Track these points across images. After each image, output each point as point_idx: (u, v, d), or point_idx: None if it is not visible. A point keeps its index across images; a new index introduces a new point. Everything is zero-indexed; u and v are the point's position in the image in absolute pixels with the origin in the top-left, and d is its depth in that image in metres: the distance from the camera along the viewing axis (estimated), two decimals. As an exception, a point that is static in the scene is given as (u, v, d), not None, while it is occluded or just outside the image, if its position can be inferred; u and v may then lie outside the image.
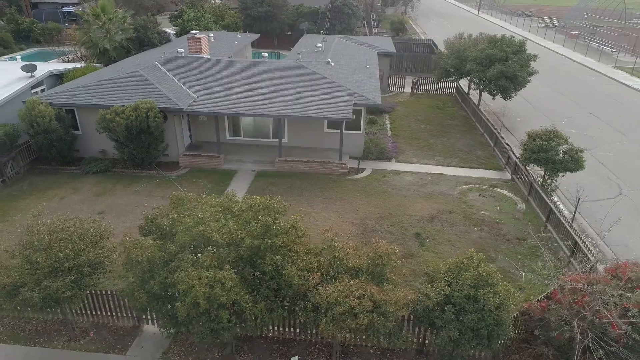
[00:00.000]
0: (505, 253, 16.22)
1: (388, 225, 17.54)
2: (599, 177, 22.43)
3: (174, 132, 21.79)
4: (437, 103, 32.42)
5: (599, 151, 25.23)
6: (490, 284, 9.94)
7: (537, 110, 32.08)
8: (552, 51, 52.75)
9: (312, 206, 18.74)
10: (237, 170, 21.69)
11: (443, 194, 19.98)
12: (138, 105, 19.83)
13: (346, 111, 20.57)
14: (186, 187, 20.13)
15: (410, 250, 16.15)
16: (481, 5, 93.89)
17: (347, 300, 9.25)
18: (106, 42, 31.60)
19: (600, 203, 20.09)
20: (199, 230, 9.29)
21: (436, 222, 17.90)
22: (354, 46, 33.39)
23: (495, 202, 19.51)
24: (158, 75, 23.13)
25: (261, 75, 23.78)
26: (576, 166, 18.36)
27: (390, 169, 22.22)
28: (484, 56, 27.64)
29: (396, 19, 59.61)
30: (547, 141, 18.65)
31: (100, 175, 21.09)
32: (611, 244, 17.25)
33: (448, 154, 24.06)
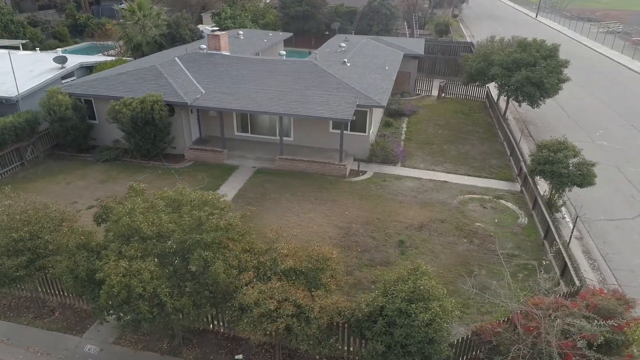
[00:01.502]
0: (490, 269, 15.27)
1: (373, 231, 17.05)
2: (621, 194, 20.63)
3: (181, 125, 22.37)
4: (463, 108, 31.15)
5: (630, 167, 23.21)
6: (425, 299, 9.37)
7: (572, 119, 30.03)
8: (608, 58, 49.20)
9: (301, 206, 18.59)
10: (239, 166, 21.92)
11: (441, 203, 19.15)
12: (145, 98, 20.52)
13: (346, 112, 20.22)
14: (185, 180, 20.54)
15: (389, 258, 15.60)
16: (540, 8, 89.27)
17: (268, 303, 9.04)
18: (140, 38, 32.99)
19: (615, 223, 18.46)
20: (126, 221, 9.44)
21: (425, 230, 17.19)
22: (380, 47, 32.79)
23: (495, 215, 18.44)
24: (174, 70, 23.82)
25: (273, 73, 23.88)
26: (585, 181, 16.98)
27: (392, 173, 21.60)
28: (510, 60, 26.23)
29: (441, 21, 57.92)
30: (554, 152, 17.38)
31: (109, 163, 22.04)
32: (616, 268, 15.81)
33: (459, 161, 23.05)
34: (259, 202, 18.80)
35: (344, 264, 15.13)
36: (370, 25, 46.40)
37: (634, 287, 14.85)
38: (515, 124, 29.51)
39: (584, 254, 16.56)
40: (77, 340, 12.28)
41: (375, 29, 46.25)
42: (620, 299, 10.96)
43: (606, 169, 22.96)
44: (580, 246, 17.03)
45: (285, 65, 24.54)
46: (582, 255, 16.47)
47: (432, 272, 14.72)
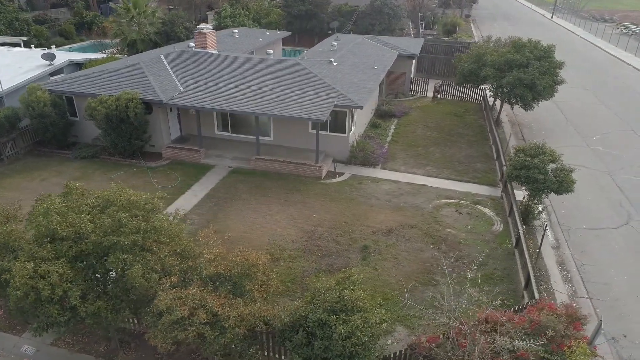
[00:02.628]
0: (454, 277, 14.59)
1: (338, 235, 16.55)
2: (609, 202, 19.67)
3: (159, 123, 22.20)
4: (458, 110, 30.34)
5: (623, 173, 22.17)
6: (348, 310, 8.88)
7: (570, 122, 28.96)
8: (620, 60, 47.55)
9: (269, 207, 18.19)
10: (215, 166, 21.65)
11: (415, 207, 18.53)
12: (120, 96, 20.40)
13: (321, 112, 19.74)
14: (158, 178, 20.44)
15: (349, 263, 15.08)
16: (557, 9, 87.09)
17: (179, 310, 8.67)
18: (134, 35, 33.06)
19: (597, 232, 17.57)
20: (40, 221, 9.18)
21: (392, 235, 16.61)
22: (374, 46, 32.18)
23: (470, 221, 17.75)
24: (157, 68, 23.68)
25: (256, 72, 23.54)
26: (562, 188, 16.17)
27: (370, 176, 21.05)
28: (502, 61, 25.36)
29: (448, 21, 56.82)
30: (531, 157, 16.61)
31: (87, 160, 22.00)
32: (589, 280, 14.99)
33: (442, 165, 22.35)
34: (228, 203, 18.48)
35: (301, 268, 14.79)
36: (373, 25, 45.74)
37: (605, 301, 14.04)
38: (509, 126, 28.60)
39: (557, 264, 15.76)
40: (15, 340, 12.12)
41: (378, 29, 45.58)
42: (570, 315, 10.27)
43: (597, 175, 22.02)
44: (555, 256, 16.24)
45: (269, 65, 24.18)
46: (556, 266, 15.69)
47: (392, 279, 14.31)
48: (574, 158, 23.70)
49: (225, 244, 10.71)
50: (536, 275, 14.92)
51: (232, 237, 16.20)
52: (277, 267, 14.81)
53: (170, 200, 18.58)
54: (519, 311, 11.39)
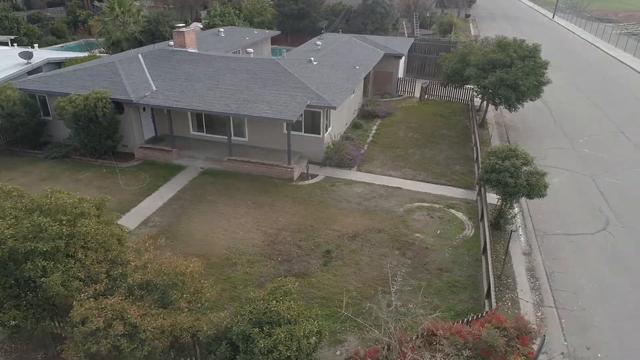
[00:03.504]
0: (415, 285, 14.07)
1: (301, 239, 16.05)
2: (589, 207, 19.03)
3: (130, 123, 21.81)
4: (444, 110, 29.76)
5: (607, 177, 21.50)
6: (274, 322, 8.38)
7: (558, 124, 28.27)
8: (618, 60, 46.71)
9: (235, 210, 17.73)
10: (187, 166, 21.23)
11: (385, 211, 18.00)
12: (89, 95, 20.04)
13: (292, 113, 19.26)
14: (127, 179, 20.04)
15: (308, 269, 14.58)
16: (559, 9, 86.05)
17: (94, 321, 8.21)
18: (119, 34, 32.74)
19: (572, 238, 16.95)
20: (-48, 225, 8.79)
21: (358, 240, 16.09)
22: (360, 46, 31.65)
23: (441, 225, 17.19)
24: (132, 67, 23.29)
25: (233, 71, 23.09)
26: (533, 192, 15.57)
27: (345, 178, 20.53)
28: (486, 61, 24.75)
29: (445, 20, 56.18)
30: (502, 160, 16.02)
31: (58, 160, 21.65)
32: (558, 288, 14.39)
33: (420, 167, 21.80)
34: (193, 205, 18.04)
35: (258, 274, 14.31)
36: (365, 24, 45.22)
37: (572, 311, 13.45)
38: (495, 128, 27.97)
39: (527, 271, 15.17)
40: (-49, 347, 11.73)
41: (370, 28, 45.07)
42: (519, 329, 9.72)
43: (579, 179, 21.37)
44: (526, 262, 15.65)
45: (246, 64, 23.73)
46: (525, 273, 15.09)
47: (351, 286, 13.79)
48: (557, 160, 23.19)
49: (158, 250, 10.23)
50: (503, 283, 14.39)
51: (191, 241, 15.82)
52: (234, 272, 14.36)
53: (135, 202, 18.19)
54: (469, 322, 10.83)
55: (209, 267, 14.54)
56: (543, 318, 13.22)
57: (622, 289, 14.33)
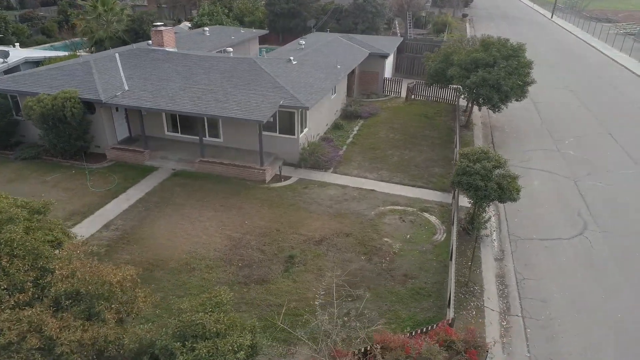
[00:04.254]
0: (378, 292, 13.58)
1: (265, 243, 15.57)
2: (567, 211, 18.47)
3: (102, 123, 21.39)
4: (429, 111, 29.22)
5: (589, 179, 20.92)
6: (199, 336, 7.91)
7: (545, 125, 27.68)
8: (614, 61, 46.02)
9: (201, 213, 17.26)
10: (159, 168, 20.79)
11: (357, 214, 17.50)
12: (57, 95, 19.63)
13: (262, 113, 18.79)
14: (96, 181, 19.61)
15: (269, 275, 14.10)
16: (558, 9, 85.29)
17: (7, 334, 7.75)
18: (102, 33, 32.35)
19: (547, 243, 16.40)
20: None
21: (324, 245, 15.60)
22: (345, 45, 31.16)
23: (412, 229, 16.67)
24: (107, 66, 22.87)
25: (208, 70, 22.64)
26: (504, 195, 15.03)
27: (319, 180, 20.05)
28: (469, 60, 24.20)
29: (439, 20, 55.67)
30: (473, 162, 15.50)
31: (28, 161, 21.24)
32: (527, 296, 13.86)
33: (398, 169, 21.28)
34: (159, 208, 17.59)
35: (215, 280, 13.85)
36: (356, 24, 44.71)
37: (538, 320, 12.91)
38: (481, 129, 27.42)
39: (497, 278, 14.64)
40: None
41: (361, 27, 44.56)
42: (468, 342, 9.21)
43: (561, 181, 20.82)
44: (496, 268, 15.12)
45: (223, 63, 23.27)
46: (494, 279, 14.57)
47: (310, 293, 13.30)
48: (540, 162, 22.66)
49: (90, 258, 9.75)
50: (469, 290, 13.88)
51: (151, 245, 15.38)
52: (191, 278, 13.90)
53: (100, 205, 17.76)
54: (425, 333, 10.33)
55: (167, 272, 14.13)
56: (508, 327, 12.70)
57: (593, 297, 13.78)
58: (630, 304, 13.49)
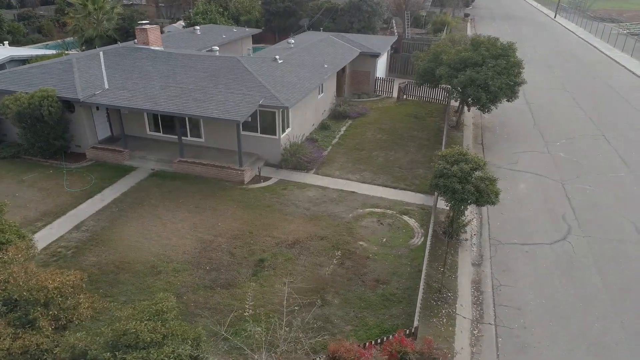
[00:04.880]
0: (347, 298, 13.16)
1: (236, 246, 15.19)
2: (552, 214, 17.95)
3: (82, 122, 21.11)
4: (420, 111, 28.74)
5: (578, 183, 20.38)
6: (131, 346, 7.53)
7: (537, 126, 27.12)
8: (614, 61, 45.24)
9: (175, 214, 16.91)
10: (138, 168, 20.49)
11: (334, 216, 17.08)
12: (35, 94, 19.37)
13: (239, 112, 18.42)
14: (73, 180, 19.33)
15: (236, 279, 13.72)
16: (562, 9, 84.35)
17: None
18: (91, 32, 32.14)
19: (528, 248, 15.91)
20: None
21: (296, 248, 15.20)
22: (335, 45, 30.72)
23: (389, 232, 16.24)
24: (89, 64, 22.60)
25: (191, 69, 22.31)
26: (481, 199, 14.54)
27: (299, 181, 19.65)
28: (457, 59, 23.70)
29: (438, 20, 55.11)
30: (450, 164, 15.03)
31: (8, 160, 21.00)
32: (501, 303, 13.39)
33: (381, 170, 20.84)
34: (133, 209, 17.27)
35: (180, 283, 13.49)
36: (352, 22, 44.20)
37: (511, 329, 12.45)
38: (472, 130, 26.90)
39: (472, 284, 14.18)
40: None
41: (357, 26, 44.05)
42: (423, 354, 8.78)
43: (548, 184, 20.29)
44: (473, 274, 14.66)
45: (207, 62, 22.94)
46: (470, 285, 14.11)
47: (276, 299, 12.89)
48: (528, 164, 22.14)
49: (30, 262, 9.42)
50: (442, 296, 13.42)
51: (119, 247, 15.05)
52: (156, 282, 13.55)
53: (74, 205, 17.46)
54: (379, 344, 9.91)
55: (132, 275, 13.79)
56: (479, 336, 12.25)
57: (570, 306, 13.29)
58: (606, 314, 12.99)
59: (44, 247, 15.01)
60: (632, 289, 13.91)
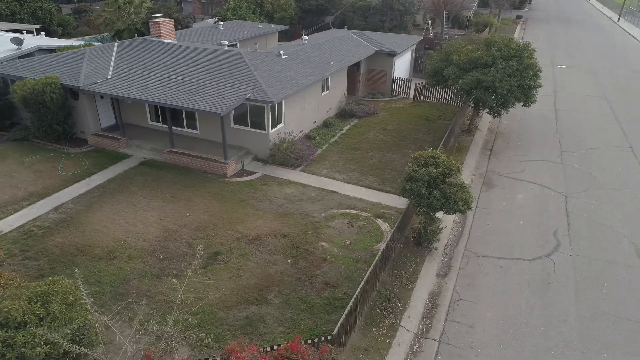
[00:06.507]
0: (289, 299, 12.73)
1: (197, 238, 15.15)
2: (544, 229, 16.54)
3: (85, 110, 21.95)
4: (434, 113, 27.57)
5: (584, 197, 18.68)
6: (2, 324, 7.58)
7: (559, 134, 25.21)
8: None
9: (150, 202, 17.15)
10: (131, 156, 21.02)
11: (304, 215, 16.65)
12: (40, 80, 20.36)
13: (223, 105, 18.39)
14: (68, 164, 20.11)
15: (186, 270, 13.64)
16: (624, 11, 78.39)
17: None
18: (120, 25, 33.48)
19: (503, 262, 14.73)
20: None
21: (256, 244, 14.93)
22: (352, 42, 30.07)
23: (356, 235, 15.59)
24: (101, 55, 23.51)
25: (194, 62, 22.63)
26: (448, 206, 13.64)
27: (282, 178, 19.36)
28: (467, 60, 22.47)
29: (480, 21, 52.84)
30: (419, 167, 14.22)
31: (18, 142, 22.22)
32: (453, 319, 12.47)
33: (371, 171, 20.13)
34: (112, 195, 17.69)
35: (130, 270, 13.63)
36: (383, 21, 43.33)
37: (456, 347, 11.52)
38: (484, 135, 25.44)
39: (429, 296, 13.30)
40: None
41: (388, 25, 43.15)
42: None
43: (549, 196, 18.78)
44: (434, 286, 13.75)
45: (210, 55, 23.18)
46: (425, 297, 13.24)
47: (217, 292, 12.70)
48: (534, 174, 20.66)
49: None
50: (390, 306, 12.68)
51: (87, 230, 15.45)
52: (108, 266, 13.75)
53: (61, 187, 18.15)
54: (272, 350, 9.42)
55: (88, 258, 14.08)
56: (418, 352, 11.43)
57: (530, 330, 12.12)
58: (569, 342, 11.72)
59: (20, 225, 15.70)
60: (607, 317, 12.49)
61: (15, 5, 43.76)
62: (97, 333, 8.81)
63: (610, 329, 12.06)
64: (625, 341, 11.70)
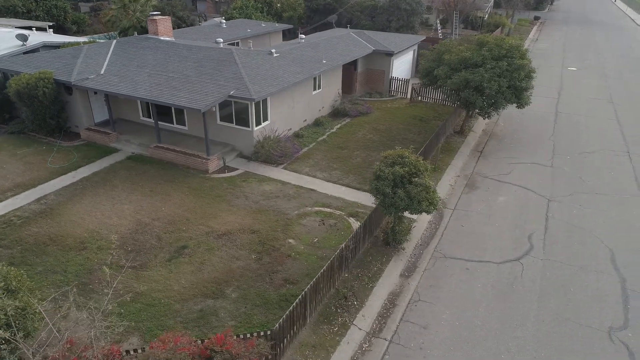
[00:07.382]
0: (246, 294, 12.82)
1: (168, 231, 15.39)
2: (519, 232, 16.23)
3: (78, 105, 22.50)
4: (429, 113, 27.30)
5: (568, 201, 18.25)
6: None
7: (554, 137, 24.67)
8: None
9: (128, 196, 17.49)
10: (120, 150, 21.46)
11: (278, 212, 16.73)
12: (33, 75, 20.97)
13: (203, 102, 18.62)
14: (57, 158, 20.63)
15: (150, 262, 13.90)
16: (650, 12, 76.00)
17: None
18: (125, 23, 34.17)
19: (470, 265, 14.52)
20: None
21: (224, 239, 15.09)
22: (349, 41, 30.02)
23: (326, 233, 15.59)
24: (97, 52, 24.07)
25: (185, 59, 22.97)
26: (412, 207, 13.52)
27: (263, 175, 19.49)
28: (457, 60, 22.20)
29: (492, 21, 52.03)
30: (386, 167, 14.13)
31: (15, 135, 22.92)
32: (408, 319, 12.38)
33: (353, 170, 20.08)
34: (94, 187, 18.11)
35: (97, 260, 13.94)
36: (390, 21, 43.12)
37: (406, 347, 11.42)
38: (477, 136, 25.06)
39: (388, 296, 13.21)
40: None
41: (395, 25, 42.93)
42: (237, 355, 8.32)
43: (532, 200, 18.42)
44: (395, 286, 13.65)
45: (202, 52, 23.47)
46: (384, 297, 13.15)
47: (176, 286, 12.90)
48: (520, 177, 20.31)
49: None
50: (345, 304, 12.65)
51: (62, 221, 15.85)
52: (76, 256, 14.09)
53: (46, 179, 18.64)
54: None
55: (59, 248, 14.45)
56: (366, 351, 11.38)
57: (485, 333, 11.92)
58: (523, 346, 11.48)
59: (1, 215, 16.21)
60: (567, 323, 12.20)
61: (32, 3, 45.10)
62: (35, 320, 9.06)
63: (567, 335, 11.78)
64: (581, 348, 11.41)
